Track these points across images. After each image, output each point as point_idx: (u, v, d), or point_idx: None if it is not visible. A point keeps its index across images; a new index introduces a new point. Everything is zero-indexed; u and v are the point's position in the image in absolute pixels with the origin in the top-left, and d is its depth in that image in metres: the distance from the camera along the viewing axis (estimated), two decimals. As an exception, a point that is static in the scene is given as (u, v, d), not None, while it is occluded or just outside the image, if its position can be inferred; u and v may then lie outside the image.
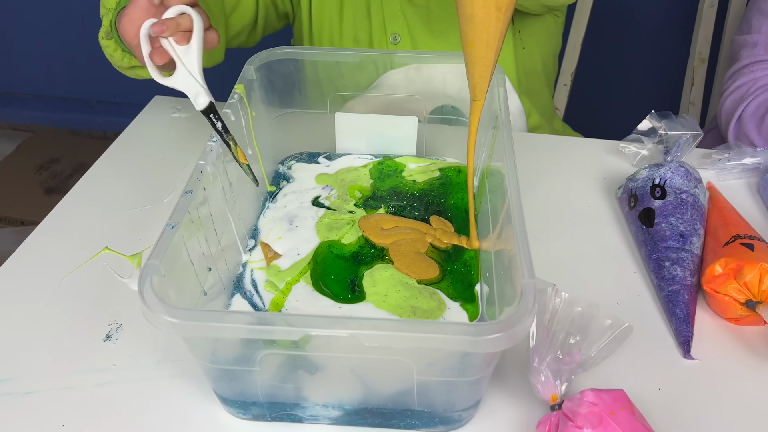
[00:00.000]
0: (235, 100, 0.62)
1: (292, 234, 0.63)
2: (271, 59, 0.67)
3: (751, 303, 0.58)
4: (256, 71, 0.67)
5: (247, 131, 0.64)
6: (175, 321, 0.42)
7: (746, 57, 0.90)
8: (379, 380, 0.49)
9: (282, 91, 0.70)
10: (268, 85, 0.68)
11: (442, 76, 0.71)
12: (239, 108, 0.62)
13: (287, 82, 0.69)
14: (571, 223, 0.73)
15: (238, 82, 0.64)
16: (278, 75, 0.68)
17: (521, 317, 0.41)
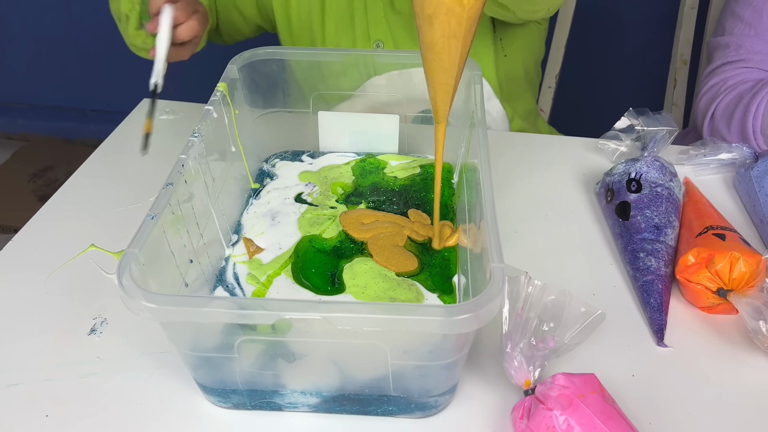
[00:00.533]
0: (217, 97, 0.63)
1: (274, 229, 0.64)
2: (254, 59, 0.69)
3: (722, 291, 0.60)
4: (239, 71, 0.68)
5: (230, 128, 0.65)
6: (153, 306, 0.43)
7: (719, 58, 0.92)
8: (355, 367, 0.50)
9: (265, 91, 0.71)
10: (251, 84, 0.70)
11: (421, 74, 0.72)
12: (222, 106, 0.64)
13: (270, 82, 0.71)
14: (550, 218, 0.74)
15: (221, 81, 0.65)
16: (261, 74, 0.70)
17: (490, 298, 0.43)
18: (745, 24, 0.91)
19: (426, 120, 0.75)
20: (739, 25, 0.92)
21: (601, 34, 1.64)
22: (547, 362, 0.53)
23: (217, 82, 0.66)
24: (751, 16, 0.91)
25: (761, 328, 0.56)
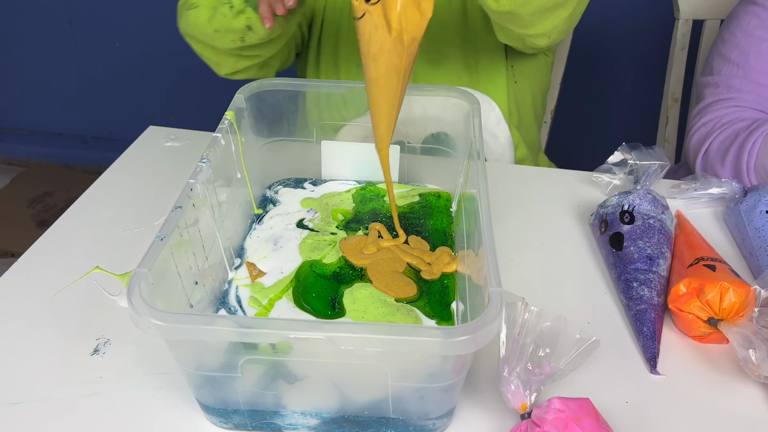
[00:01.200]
0: (225, 125, 0.65)
1: (276, 254, 0.66)
2: (260, 89, 0.71)
3: (713, 320, 0.61)
4: (246, 100, 0.70)
5: (236, 156, 0.67)
6: (160, 324, 0.44)
7: (709, 96, 0.95)
8: (355, 388, 0.51)
9: (271, 120, 0.73)
10: (257, 113, 0.72)
11: (422, 106, 0.75)
12: (229, 133, 0.66)
13: (276, 112, 0.73)
14: (546, 248, 0.76)
15: (228, 110, 0.67)
16: (267, 104, 0.72)
17: (488, 321, 0.44)
18: (733, 65, 0.95)
19: (425, 150, 0.78)
20: (726, 65, 0.96)
21: (595, 72, 1.69)
22: (543, 387, 0.54)
23: (216, 111, 0.68)
24: (738, 57, 0.94)
25: (751, 357, 0.57)
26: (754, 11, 0.95)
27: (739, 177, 0.87)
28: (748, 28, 0.95)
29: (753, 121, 0.88)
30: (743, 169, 0.87)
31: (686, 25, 1.20)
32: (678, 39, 1.21)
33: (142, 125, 0.98)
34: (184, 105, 2.03)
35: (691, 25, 1.20)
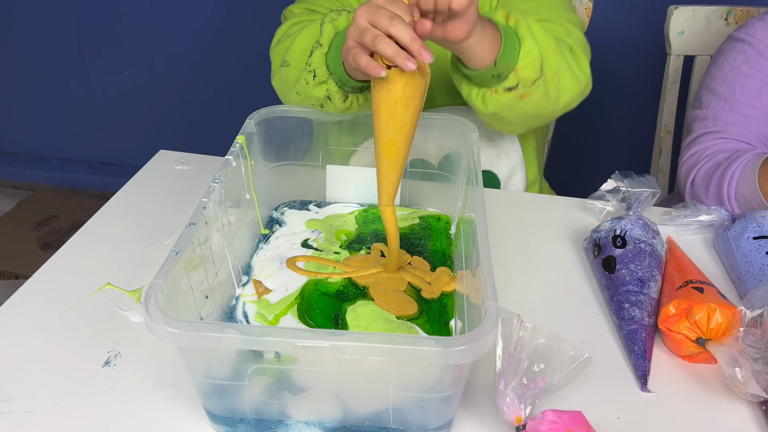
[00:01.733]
0: (236, 149, 0.69)
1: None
2: (270, 116, 0.75)
3: (701, 340, 0.64)
4: (256, 125, 0.74)
5: (246, 178, 0.70)
6: (175, 331, 0.47)
7: (698, 129, 0.99)
8: (357, 399, 0.54)
9: (279, 145, 0.77)
10: (266, 138, 0.75)
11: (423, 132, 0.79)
12: (240, 157, 0.69)
13: (284, 137, 0.76)
14: (541, 271, 0.79)
15: (239, 134, 0.71)
16: (276, 130, 0.76)
17: (484, 333, 0.47)
18: (720, 98, 0.99)
19: (426, 176, 0.81)
20: (714, 99, 1.00)
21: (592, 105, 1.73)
22: (537, 401, 0.56)
23: (220, 138, 0.72)
24: (726, 91, 0.99)
25: (737, 375, 0.59)
26: (739, 47, 1.00)
27: (721, 204, 0.90)
28: (734, 63, 1.00)
29: (733, 152, 0.92)
30: (724, 197, 0.90)
31: (678, 61, 1.25)
32: (670, 74, 1.26)
33: (147, 151, 1.01)
34: (189, 132, 2.07)
35: (683, 60, 1.25)
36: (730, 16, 1.23)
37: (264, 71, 2.08)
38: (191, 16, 1.91)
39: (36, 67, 2.05)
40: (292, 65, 0.78)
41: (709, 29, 1.23)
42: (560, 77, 0.79)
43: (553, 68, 0.78)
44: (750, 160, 0.89)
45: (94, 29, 1.98)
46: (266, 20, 1.85)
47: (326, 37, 0.73)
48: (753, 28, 1.00)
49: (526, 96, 0.76)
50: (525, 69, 0.74)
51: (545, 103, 0.80)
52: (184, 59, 1.98)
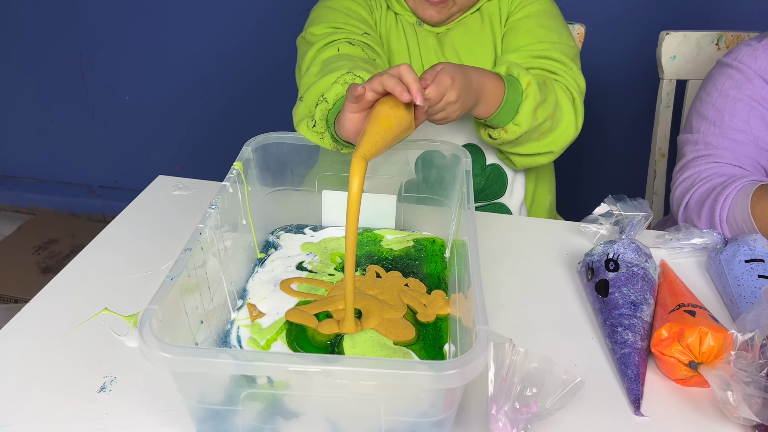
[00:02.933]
0: (233, 174, 0.70)
1: (275, 294, 0.69)
2: (266, 142, 0.76)
3: (693, 364, 0.64)
4: (253, 152, 0.75)
5: (242, 203, 0.71)
6: (168, 356, 0.47)
7: (690, 153, 1.01)
8: (350, 424, 0.54)
9: (275, 171, 0.78)
10: (263, 164, 0.77)
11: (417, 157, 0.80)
12: (236, 182, 0.70)
13: (280, 163, 0.78)
14: (535, 293, 0.79)
15: (236, 160, 0.72)
16: (273, 156, 0.77)
17: (475, 356, 0.47)
18: (710, 123, 1.00)
19: (421, 200, 0.82)
20: (704, 124, 1.01)
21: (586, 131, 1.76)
22: (529, 425, 0.56)
23: (220, 163, 0.73)
24: (714, 116, 1.00)
25: (729, 399, 0.60)
26: (728, 73, 1.02)
27: (713, 228, 0.91)
28: (723, 88, 1.02)
29: (729, 177, 0.93)
30: (716, 221, 0.91)
31: (670, 85, 1.27)
32: (663, 98, 1.28)
33: (147, 175, 1.03)
34: (189, 156, 2.09)
35: (675, 84, 1.27)
36: (720, 41, 1.25)
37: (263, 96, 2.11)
38: (193, 43, 1.95)
39: (38, 91, 2.08)
40: (305, 103, 0.82)
41: (701, 54, 1.25)
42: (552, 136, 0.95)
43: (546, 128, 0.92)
44: (744, 186, 0.90)
45: (97, 55, 2.01)
46: (266, 46, 1.89)
47: (332, 96, 0.77)
48: (740, 54, 1.02)
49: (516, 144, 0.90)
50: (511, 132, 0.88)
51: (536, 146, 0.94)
52: (186, 84, 2.01)
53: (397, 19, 1.03)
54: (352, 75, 0.77)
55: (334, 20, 0.96)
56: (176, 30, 1.94)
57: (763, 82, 1.00)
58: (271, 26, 1.85)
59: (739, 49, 1.03)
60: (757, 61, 1.01)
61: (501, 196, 1.06)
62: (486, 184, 1.05)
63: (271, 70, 1.88)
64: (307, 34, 0.97)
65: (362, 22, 0.98)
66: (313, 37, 0.94)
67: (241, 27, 1.89)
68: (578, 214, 0.95)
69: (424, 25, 1.03)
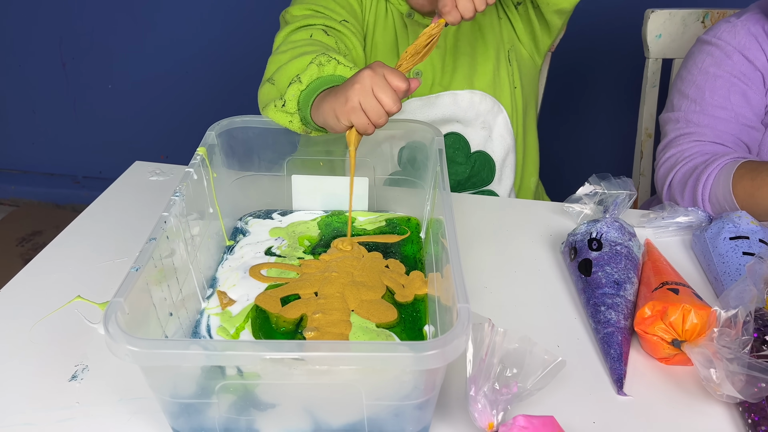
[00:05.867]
0: (197, 161, 0.68)
1: (245, 281, 0.68)
2: (231, 126, 0.75)
3: (676, 342, 0.63)
4: (217, 137, 0.73)
5: (208, 190, 0.69)
6: (136, 350, 0.45)
7: (672, 131, 1.00)
8: (330, 412, 0.52)
9: (242, 156, 0.76)
10: (228, 149, 0.75)
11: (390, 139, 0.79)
12: (201, 168, 0.68)
13: (246, 148, 0.76)
14: (519, 275, 0.78)
15: (200, 146, 0.70)
16: (238, 141, 0.75)
17: (455, 336, 0.46)
18: (691, 101, 0.99)
19: (393, 182, 0.81)
20: (685, 102, 1.00)
21: (573, 109, 1.75)
22: (510, 406, 0.55)
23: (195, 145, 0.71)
24: (695, 93, 0.99)
25: (712, 376, 0.59)
26: (707, 50, 1.00)
27: (696, 206, 0.90)
28: (703, 65, 1.00)
29: (711, 156, 0.92)
30: (698, 199, 0.90)
31: (656, 64, 1.25)
32: (649, 77, 1.26)
33: (132, 164, 1.00)
34: (174, 145, 2.06)
35: (661, 63, 1.25)
36: (706, 18, 1.23)
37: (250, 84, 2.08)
38: (175, 30, 1.91)
39: (19, 81, 2.04)
40: (276, 85, 0.79)
41: (686, 32, 1.23)
42: None
43: None
44: (726, 164, 0.89)
45: (77, 43, 1.97)
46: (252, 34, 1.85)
47: (307, 77, 0.75)
48: (719, 31, 1.01)
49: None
50: None
51: None
52: (170, 72, 1.97)
53: (387, 8, 1.01)
54: (327, 57, 0.75)
55: (316, 2, 0.93)
56: (159, 17, 1.90)
57: (742, 57, 0.99)
58: (258, 11, 1.82)
59: (719, 26, 1.02)
60: (736, 37, 1.00)
61: (489, 183, 1.05)
62: (472, 172, 1.04)
63: (258, 57, 1.84)
64: (287, 13, 0.94)
65: (344, 8, 0.95)
66: (292, 17, 0.92)
67: (226, 13, 1.86)
68: (566, 196, 0.94)
69: (414, 16, 1.00)
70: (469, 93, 1.02)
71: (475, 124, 1.03)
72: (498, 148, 1.05)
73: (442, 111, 1.01)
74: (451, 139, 1.03)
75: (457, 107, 1.01)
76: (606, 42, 1.66)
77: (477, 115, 1.03)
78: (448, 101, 1.01)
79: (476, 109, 1.02)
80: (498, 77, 1.03)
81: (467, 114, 1.02)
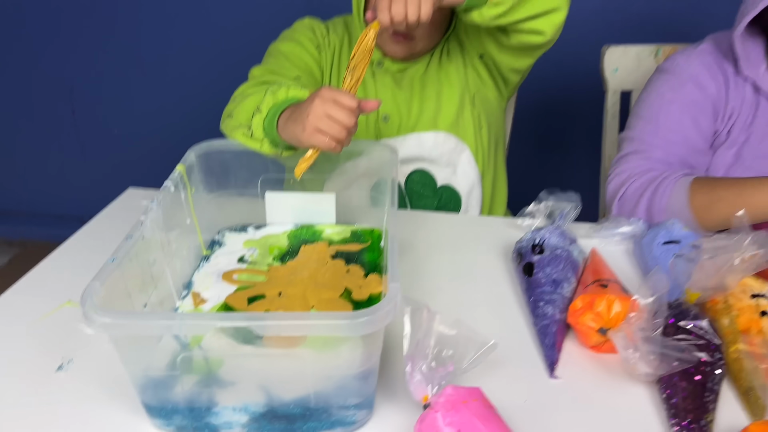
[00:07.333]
0: (176, 176, 0.77)
1: (218, 284, 0.76)
2: (210, 149, 0.84)
3: (603, 330, 0.70)
4: (196, 157, 0.82)
5: (186, 203, 0.78)
6: (108, 321, 0.53)
7: (626, 148, 1.08)
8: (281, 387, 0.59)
9: (219, 175, 0.85)
10: (207, 169, 0.83)
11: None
12: (180, 183, 0.77)
13: (224, 168, 0.85)
14: (472, 279, 0.86)
15: (180, 164, 0.79)
16: (216, 162, 0.84)
17: (384, 305, 0.54)
18: (646, 122, 1.08)
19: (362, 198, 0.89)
20: (641, 122, 1.09)
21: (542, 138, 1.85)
22: (444, 382, 0.61)
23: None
24: (651, 115, 1.08)
25: (630, 357, 0.65)
26: (664, 78, 1.10)
27: (651, 217, 0.97)
28: (660, 91, 1.09)
29: (662, 171, 1.00)
30: (655, 210, 0.98)
31: (615, 96, 1.35)
32: (609, 108, 1.35)
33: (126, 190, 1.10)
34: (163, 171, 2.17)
35: (620, 95, 1.35)
36: (659, 53, 1.33)
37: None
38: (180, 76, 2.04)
39: (30, 126, 2.18)
40: (234, 118, 0.90)
41: (641, 66, 1.33)
42: None
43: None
44: (681, 178, 0.97)
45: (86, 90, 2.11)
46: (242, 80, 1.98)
47: (266, 106, 0.85)
48: (676, 60, 1.11)
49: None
50: None
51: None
52: (173, 117, 2.10)
53: (350, 47, 1.12)
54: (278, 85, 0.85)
55: (273, 65, 1.05)
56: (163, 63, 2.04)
57: (695, 85, 1.08)
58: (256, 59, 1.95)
59: (676, 56, 1.12)
60: (690, 67, 1.09)
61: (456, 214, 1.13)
62: (439, 204, 1.12)
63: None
64: (253, 69, 1.06)
65: (298, 66, 1.06)
66: (251, 76, 1.04)
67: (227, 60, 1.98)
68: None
69: (384, 64, 1.10)
70: (433, 134, 1.11)
71: (440, 162, 1.12)
72: (462, 182, 1.13)
73: (409, 151, 1.10)
74: (418, 175, 1.12)
75: (421, 148, 1.10)
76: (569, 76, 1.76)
77: (441, 154, 1.11)
78: (414, 143, 1.10)
79: (440, 149, 1.11)
80: (461, 118, 1.12)
81: (431, 153, 1.11)
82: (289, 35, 1.12)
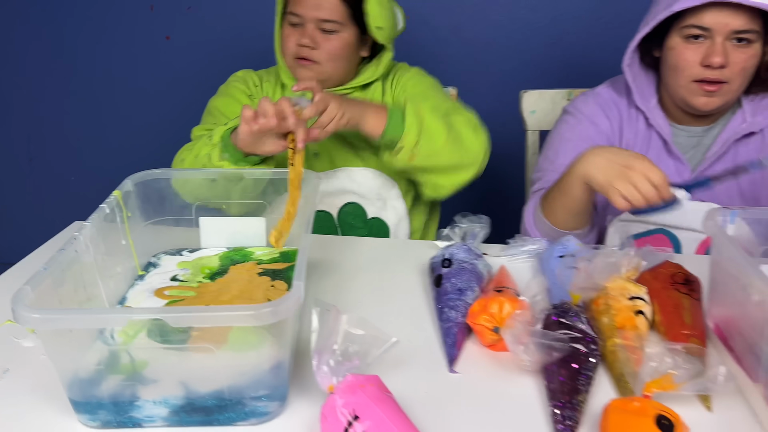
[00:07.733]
0: (111, 200, 0.84)
1: (149, 300, 0.82)
2: (147, 178, 0.91)
3: (496, 329, 0.78)
4: (133, 186, 0.89)
5: (121, 225, 0.85)
6: (37, 316, 0.59)
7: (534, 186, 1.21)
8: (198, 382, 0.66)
9: (156, 203, 0.92)
10: (143, 197, 0.90)
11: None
12: (116, 207, 0.84)
13: (160, 196, 0.92)
14: (392, 295, 0.94)
15: (116, 190, 0.86)
16: (153, 190, 0.91)
17: (287, 299, 0.61)
18: (549, 161, 1.21)
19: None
20: (545, 162, 1.22)
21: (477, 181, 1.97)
22: (349, 374, 0.68)
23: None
24: (552, 154, 1.21)
25: (516, 348, 0.73)
26: (565, 118, 1.24)
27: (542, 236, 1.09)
28: (560, 131, 1.23)
29: None
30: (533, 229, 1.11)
31: (534, 135, 1.47)
32: (529, 146, 1.48)
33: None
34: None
35: (538, 135, 1.47)
36: (571, 96, 1.47)
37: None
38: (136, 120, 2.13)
39: (24, 171, 2.23)
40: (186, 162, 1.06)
41: (555, 108, 1.46)
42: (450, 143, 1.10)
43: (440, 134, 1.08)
44: (536, 195, 1.11)
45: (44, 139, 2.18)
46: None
47: (217, 137, 1.01)
48: (575, 103, 1.24)
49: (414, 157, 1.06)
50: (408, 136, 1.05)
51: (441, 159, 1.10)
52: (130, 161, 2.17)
53: (283, 91, 1.22)
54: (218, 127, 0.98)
55: (209, 122, 1.19)
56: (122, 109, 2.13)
57: (590, 123, 1.21)
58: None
59: (576, 98, 1.26)
60: (587, 107, 1.22)
61: None
62: (370, 234, 1.22)
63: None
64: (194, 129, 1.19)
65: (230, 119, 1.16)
66: (193, 136, 1.17)
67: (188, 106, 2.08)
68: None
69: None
70: (362, 171, 1.21)
71: (370, 196, 1.22)
72: (391, 215, 1.23)
73: (340, 184, 1.19)
74: (350, 208, 1.21)
75: (352, 182, 1.20)
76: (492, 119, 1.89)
77: (370, 189, 1.21)
78: (344, 177, 1.20)
79: (369, 185, 1.21)
80: None
81: (361, 188, 1.21)
82: (223, 90, 1.24)
